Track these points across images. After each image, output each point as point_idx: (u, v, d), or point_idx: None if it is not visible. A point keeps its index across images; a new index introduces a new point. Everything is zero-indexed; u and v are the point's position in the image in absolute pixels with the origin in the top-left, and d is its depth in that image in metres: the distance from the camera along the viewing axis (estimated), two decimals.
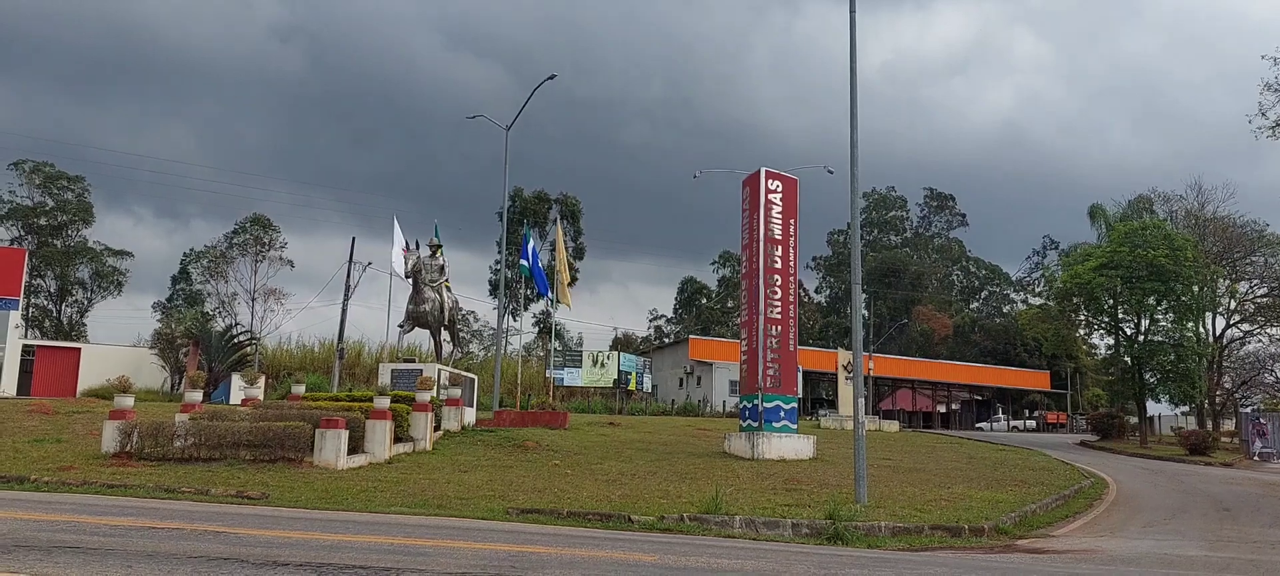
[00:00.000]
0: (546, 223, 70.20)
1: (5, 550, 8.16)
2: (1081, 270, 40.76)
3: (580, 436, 25.74)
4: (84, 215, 63.08)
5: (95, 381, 37.40)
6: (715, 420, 43.50)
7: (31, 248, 57.39)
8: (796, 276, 25.19)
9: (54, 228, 61.87)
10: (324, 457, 17.36)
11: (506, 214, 35.10)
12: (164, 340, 42.76)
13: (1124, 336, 41.76)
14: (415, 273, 25.72)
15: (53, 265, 61.65)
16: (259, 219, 61.57)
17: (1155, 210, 49.15)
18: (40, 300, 62.24)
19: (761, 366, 23.37)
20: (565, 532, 11.89)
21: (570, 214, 70.87)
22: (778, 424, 23.28)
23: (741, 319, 25.64)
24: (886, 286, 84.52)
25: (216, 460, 17.11)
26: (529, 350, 73.68)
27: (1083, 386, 75.91)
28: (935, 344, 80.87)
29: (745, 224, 25.00)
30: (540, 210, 70.42)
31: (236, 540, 9.50)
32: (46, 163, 62.42)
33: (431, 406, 21.49)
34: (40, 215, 61.44)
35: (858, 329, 17.39)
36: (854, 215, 17.88)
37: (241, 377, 26.76)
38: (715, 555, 10.28)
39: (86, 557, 7.92)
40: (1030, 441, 42.47)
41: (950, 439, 39.41)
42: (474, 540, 10.47)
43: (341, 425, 17.69)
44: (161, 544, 8.96)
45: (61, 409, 25.90)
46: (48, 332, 59.20)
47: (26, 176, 61.37)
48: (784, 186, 24.69)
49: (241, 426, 17.68)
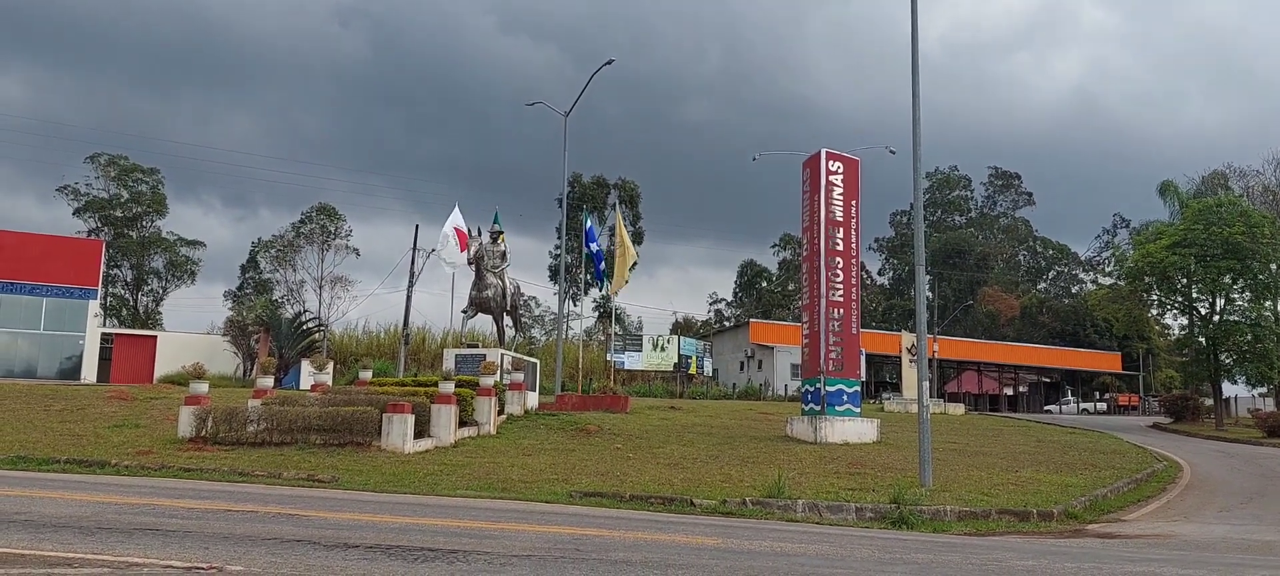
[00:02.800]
0: (605, 208, 70.40)
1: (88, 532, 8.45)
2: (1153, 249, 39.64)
3: (641, 420, 25.83)
4: (158, 206, 64.71)
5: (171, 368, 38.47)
6: (777, 404, 43.31)
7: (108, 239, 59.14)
8: (858, 258, 24.91)
9: (129, 219, 63.59)
10: (391, 442, 17.66)
11: (566, 200, 35.16)
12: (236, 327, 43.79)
13: (1198, 316, 40.58)
14: (478, 259, 25.95)
15: (129, 255, 63.48)
16: (325, 208, 62.63)
17: (1230, 186, 47.62)
18: (117, 290, 64.15)
19: (824, 349, 23.20)
20: (627, 516, 11.96)
21: (629, 199, 70.99)
22: (841, 407, 23.10)
23: (803, 302, 25.45)
24: (951, 267, 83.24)
25: (288, 444, 17.50)
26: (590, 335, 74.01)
27: (1155, 368, 74.04)
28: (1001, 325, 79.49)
29: (806, 205, 24.79)
30: (599, 196, 70.63)
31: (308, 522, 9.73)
32: (121, 156, 64.11)
33: (495, 391, 21.71)
34: (116, 207, 63.19)
35: (922, 311, 17.18)
36: (917, 195, 17.65)
37: (310, 363, 27.33)
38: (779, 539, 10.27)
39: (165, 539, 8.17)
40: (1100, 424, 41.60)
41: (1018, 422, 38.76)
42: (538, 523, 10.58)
43: (408, 410, 17.97)
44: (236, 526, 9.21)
45: (139, 395, 26.71)
46: (125, 321, 60.99)
47: (102, 169, 63.13)
48: (845, 167, 24.43)
49: (311, 411, 18.05)
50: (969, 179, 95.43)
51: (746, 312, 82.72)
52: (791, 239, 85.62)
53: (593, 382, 43.20)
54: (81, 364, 38.32)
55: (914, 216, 17.75)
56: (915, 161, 17.13)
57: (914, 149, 17.04)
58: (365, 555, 7.76)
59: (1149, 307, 46.03)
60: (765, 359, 62.09)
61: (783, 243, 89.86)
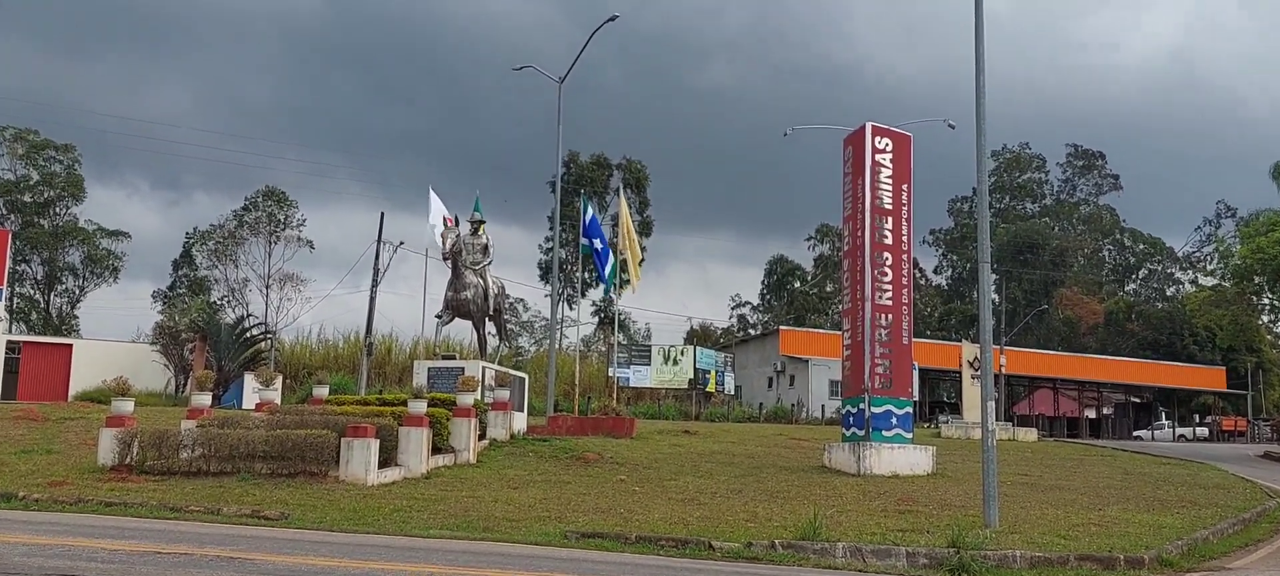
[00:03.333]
0: (606, 193, 70.43)
1: None
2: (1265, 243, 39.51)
3: (650, 446, 25.82)
4: (74, 190, 64.60)
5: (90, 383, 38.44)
6: (812, 428, 43.24)
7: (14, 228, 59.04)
8: (911, 253, 24.89)
9: (40, 205, 63.63)
10: (351, 471, 17.70)
11: (560, 183, 35.25)
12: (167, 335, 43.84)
13: None
14: (455, 254, 25.92)
15: (39, 248, 63.41)
16: (273, 192, 62.78)
17: None
18: (26, 289, 64.31)
19: (868, 363, 23.18)
20: (633, 561, 11.96)
21: (635, 182, 71.00)
22: (888, 432, 23.08)
23: (844, 306, 25.42)
24: (1022, 264, 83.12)
25: (228, 474, 17.55)
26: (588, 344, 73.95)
27: (1267, 386, 73.81)
28: (1082, 334, 79.34)
29: (848, 191, 24.77)
30: (599, 178, 70.65)
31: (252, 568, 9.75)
32: (30, 130, 63.66)
33: (475, 411, 21.74)
34: (24, 190, 63.07)
35: (986, 316, 17.14)
36: (981, 178, 17.61)
37: (255, 378, 27.36)
38: None
39: None
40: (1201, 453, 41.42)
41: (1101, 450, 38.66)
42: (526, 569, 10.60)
43: (371, 433, 18.01)
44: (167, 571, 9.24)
45: (51, 415, 26.79)
46: (35, 327, 61.15)
47: (8, 145, 62.79)
48: (894, 145, 24.40)
49: (256, 435, 18.09)
50: (1043, 159, 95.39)
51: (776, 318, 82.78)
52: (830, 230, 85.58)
53: (591, 401, 43.22)
54: None
55: (978, 203, 17.72)
56: (979, 138, 17.09)
57: (978, 123, 17.01)
58: None
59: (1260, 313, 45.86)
60: (798, 374, 62.03)
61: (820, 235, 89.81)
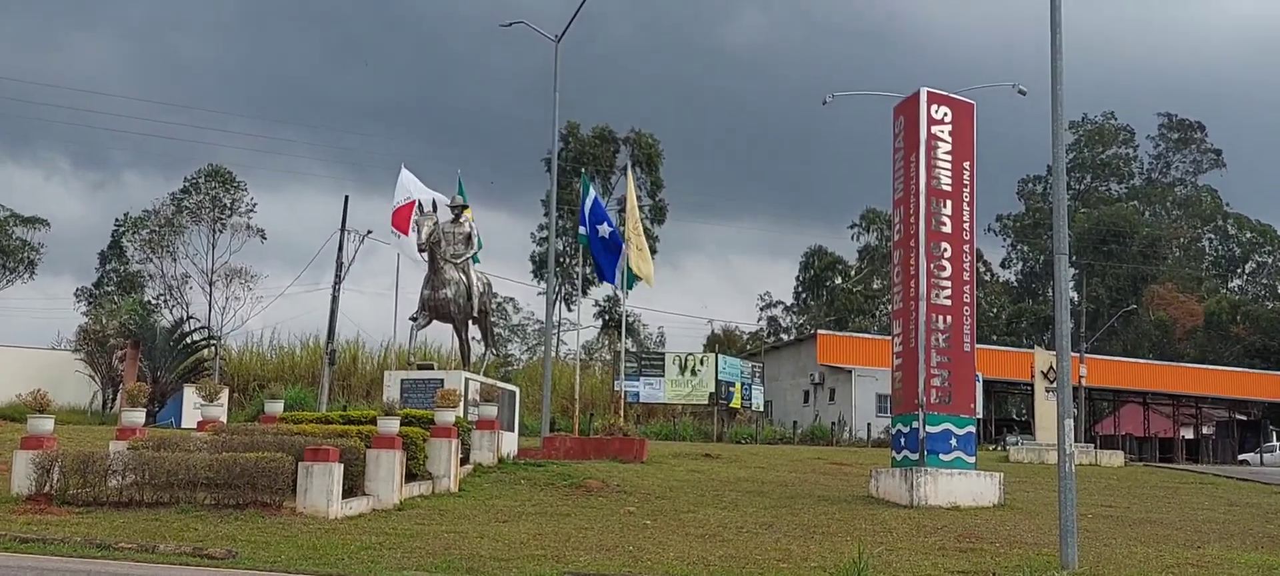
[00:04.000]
0: (612, 172, 70.41)
1: None
2: None
3: (664, 472, 25.80)
4: None
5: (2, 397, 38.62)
6: (856, 450, 43.19)
7: None
8: (974, 243, 24.84)
9: None
10: (310, 501, 17.70)
11: (557, 161, 35.26)
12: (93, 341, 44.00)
13: None
14: (432, 245, 25.85)
15: None
16: (217, 172, 62.87)
17: None
18: None
19: (923, 373, 23.13)
20: None
21: (645, 159, 70.84)
22: (947, 455, 23.03)
23: (894, 306, 25.38)
24: (1106, 256, 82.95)
25: (165, 504, 17.56)
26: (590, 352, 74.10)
27: None
28: (1177, 339, 79.18)
29: (899, 169, 24.72)
30: (604, 154, 70.65)
31: None
32: None
33: (457, 431, 21.74)
34: None
35: (1064, 318, 17.10)
36: (1057, 155, 17.55)
37: (197, 392, 27.38)
38: None
39: None
40: None
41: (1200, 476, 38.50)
42: None
43: (334, 457, 18.00)
44: None
45: None
46: None
47: None
48: (955, 114, 24.32)
49: (198, 459, 18.11)
50: (1131, 131, 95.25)
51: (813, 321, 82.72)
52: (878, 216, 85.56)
53: (594, 420, 43.23)
54: None
55: (1053, 184, 17.67)
56: (1055, 106, 17.04)
57: (1053, 88, 16.96)
58: None
59: None
60: (840, 386, 62.00)
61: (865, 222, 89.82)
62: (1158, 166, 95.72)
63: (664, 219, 72.41)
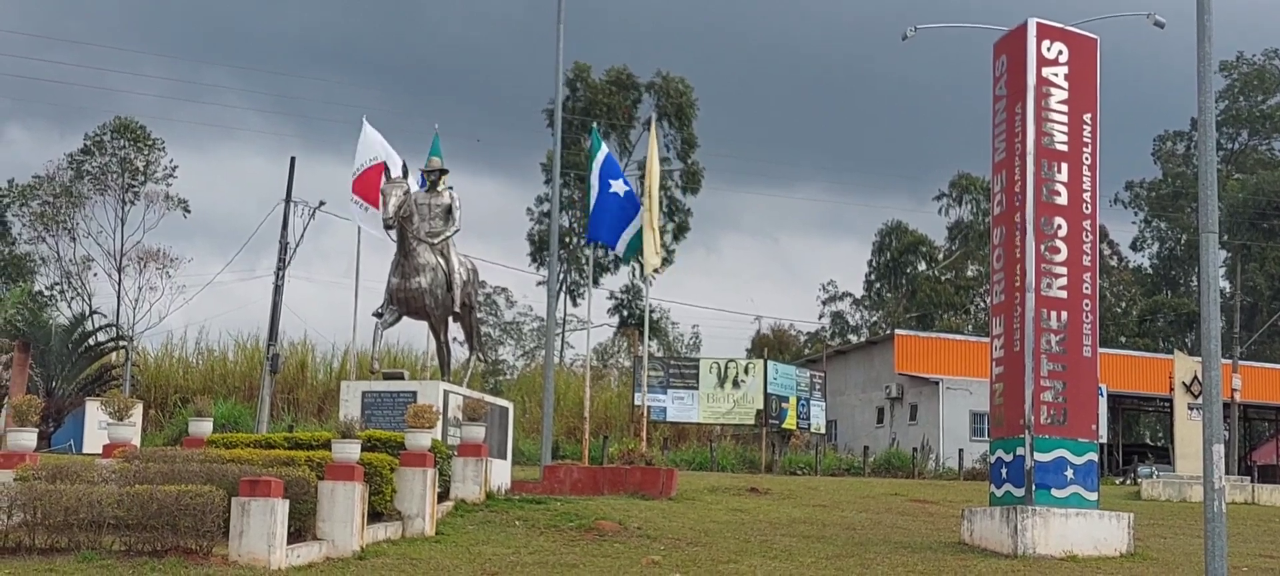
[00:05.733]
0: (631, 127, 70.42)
1: None
2: None
3: (697, 512, 25.79)
4: None
5: None
6: (945, 484, 43.17)
7: None
8: (1097, 219, 24.70)
9: None
10: (247, 547, 17.66)
11: (562, 113, 35.17)
12: None
13: None
14: (403, 220, 25.73)
15: None
16: (127, 126, 62.96)
17: None
18: None
19: (1031, 387, 23.04)
20: None
21: (675, 111, 70.87)
22: (1062, 491, 22.90)
23: (993, 300, 25.24)
24: (1267, 236, 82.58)
25: (64, 550, 17.57)
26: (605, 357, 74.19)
27: None
28: None
29: (1001, 124, 24.59)
30: (621, 105, 70.63)
31: None
32: None
33: (434, 458, 21.72)
34: None
35: (1213, 315, 17.03)
36: (1206, 105, 17.47)
37: (103, 407, 27.48)
38: None
39: None
40: None
41: None
42: None
43: (277, 491, 17.98)
44: None
45: None
46: None
47: None
48: (1072, 53, 24.17)
49: (105, 492, 18.11)
50: None
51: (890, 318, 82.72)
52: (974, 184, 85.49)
53: (610, 443, 43.27)
54: None
55: (1200, 144, 17.57)
56: (1201, 42, 16.97)
57: (1200, 19, 16.87)
58: None
59: None
60: (924, 402, 61.95)
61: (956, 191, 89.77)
62: None
63: (698, 187, 72.43)
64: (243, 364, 50.50)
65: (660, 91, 71.13)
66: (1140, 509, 29.13)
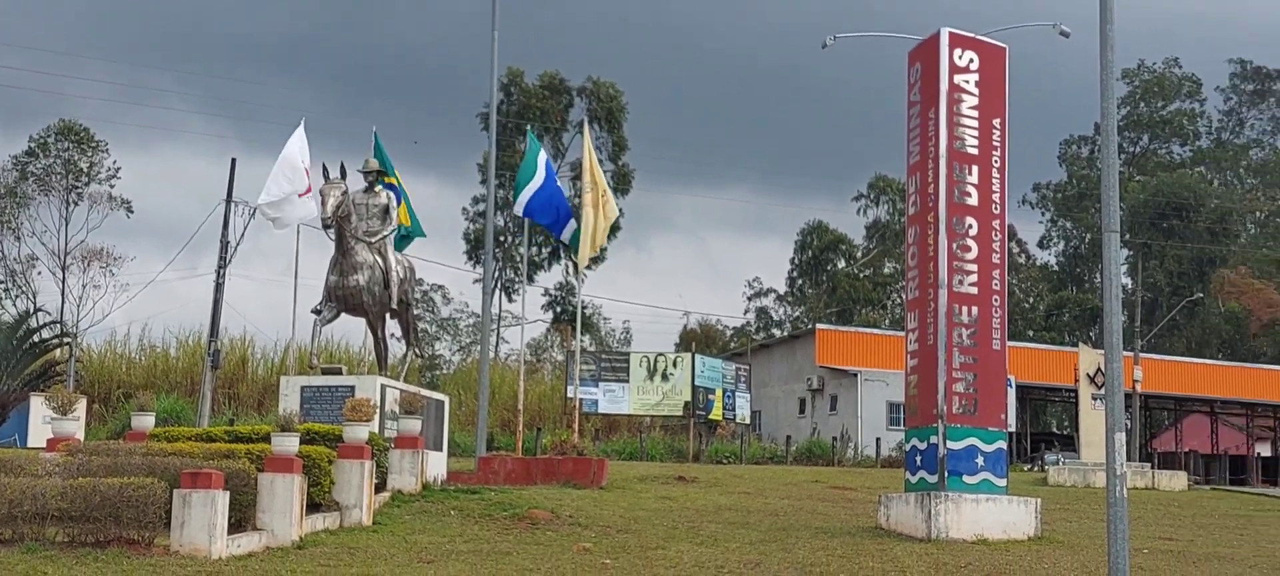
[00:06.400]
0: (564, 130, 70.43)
1: None
2: None
3: (628, 500, 25.81)
4: None
5: None
6: (863, 471, 43.40)
7: None
8: (1005, 219, 24.89)
9: None
10: (188, 538, 17.56)
11: (497, 116, 35.10)
12: None
13: None
14: (340, 220, 25.61)
15: None
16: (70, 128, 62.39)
17: None
18: None
19: (944, 378, 23.19)
20: None
21: (605, 114, 70.95)
22: (973, 478, 23.07)
23: (908, 295, 25.42)
24: (1166, 234, 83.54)
25: (8, 542, 17.40)
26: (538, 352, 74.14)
27: None
28: (1252, 335, 79.92)
29: (915, 128, 24.73)
30: (553, 109, 70.64)
31: None
32: None
33: (371, 450, 21.63)
34: None
35: (1115, 310, 17.18)
36: (1108, 111, 17.63)
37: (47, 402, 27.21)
38: None
39: None
40: None
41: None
42: None
43: (217, 483, 17.88)
44: None
45: None
46: None
47: None
48: (983, 61, 24.32)
49: (48, 485, 17.95)
50: (1198, 82, 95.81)
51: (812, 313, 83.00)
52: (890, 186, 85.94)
53: (543, 435, 43.26)
54: None
55: (1103, 147, 17.72)
56: (1104, 51, 17.11)
57: (1102, 28, 17.02)
58: None
59: None
60: (843, 393, 62.27)
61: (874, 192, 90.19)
62: (1229, 125, 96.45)
63: (629, 188, 72.40)
64: (184, 360, 50.14)
65: (591, 95, 71.21)
66: (1047, 494, 29.35)
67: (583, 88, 71.73)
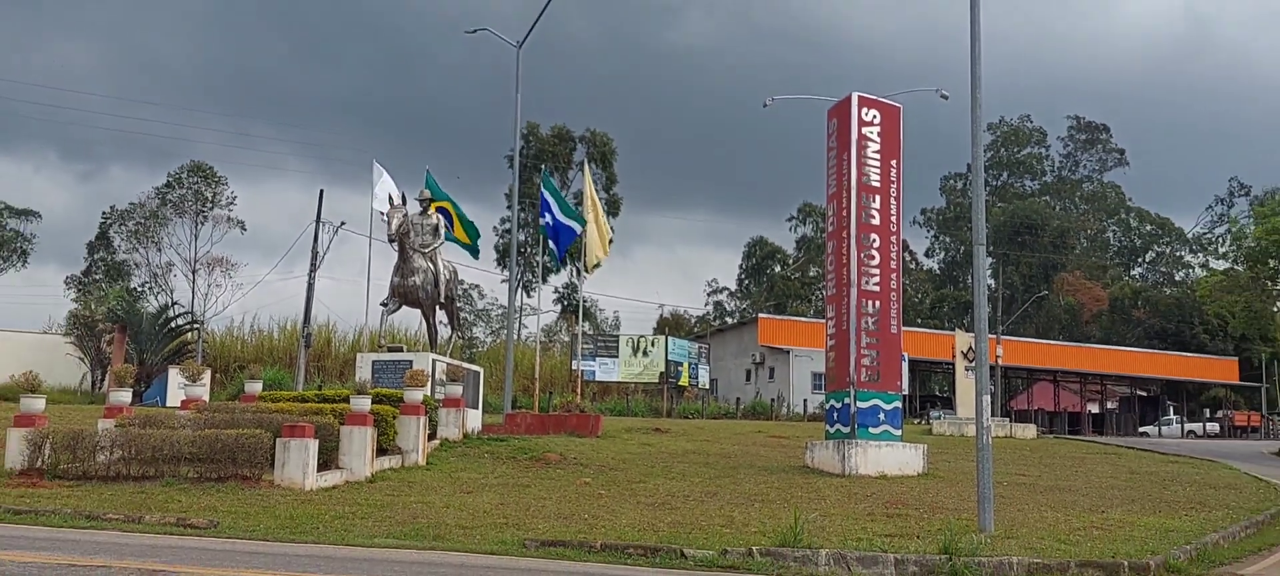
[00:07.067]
0: (569, 168, 70.36)
1: None
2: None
3: (617, 446, 25.81)
4: None
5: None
6: (794, 424, 43.39)
7: None
8: (900, 235, 24.95)
9: None
10: (287, 475, 17.58)
11: (519, 158, 35.10)
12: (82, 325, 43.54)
13: None
14: (402, 236, 25.72)
15: None
16: (199, 167, 62.34)
17: None
18: None
19: (854, 354, 23.25)
20: (597, 571, 11.96)
21: (600, 156, 71.05)
22: (876, 429, 23.18)
23: (827, 292, 25.47)
24: (1020, 247, 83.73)
25: (151, 478, 17.39)
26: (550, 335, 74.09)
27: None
28: (1084, 322, 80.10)
29: (832, 166, 24.80)
30: (561, 152, 70.72)
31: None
32: None
33: (424, 408, 21.65)
34: None
35: (982, 303, 17.22)
36: (976, 154, 17.65)
37: (181, 372, 27.08)
38: None
39: None
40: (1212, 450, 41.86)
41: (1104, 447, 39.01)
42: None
43: (309, 433, 17.89)
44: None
45: None
46: None
47: None
48: (883, 117, 24.43)
49: (182, 435, 17.94)
50: (1043, 132, 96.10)
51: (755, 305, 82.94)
52: (814, 210, 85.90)
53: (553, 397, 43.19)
54: None
55: (973, 181, 17.78)
56: (974, 109, 17.12)
57: (973, 92, 17.04)
58: None
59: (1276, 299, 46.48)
60: (779, 366, 62.23)
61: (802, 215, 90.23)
62: (1067, 164, 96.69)
63: (618, 212, 72.58)
64: (284, 341, 49.89)
65: (590, 142, 71.42)
66: (932, 442, 29.40)
67: (583, 136, 71.99)
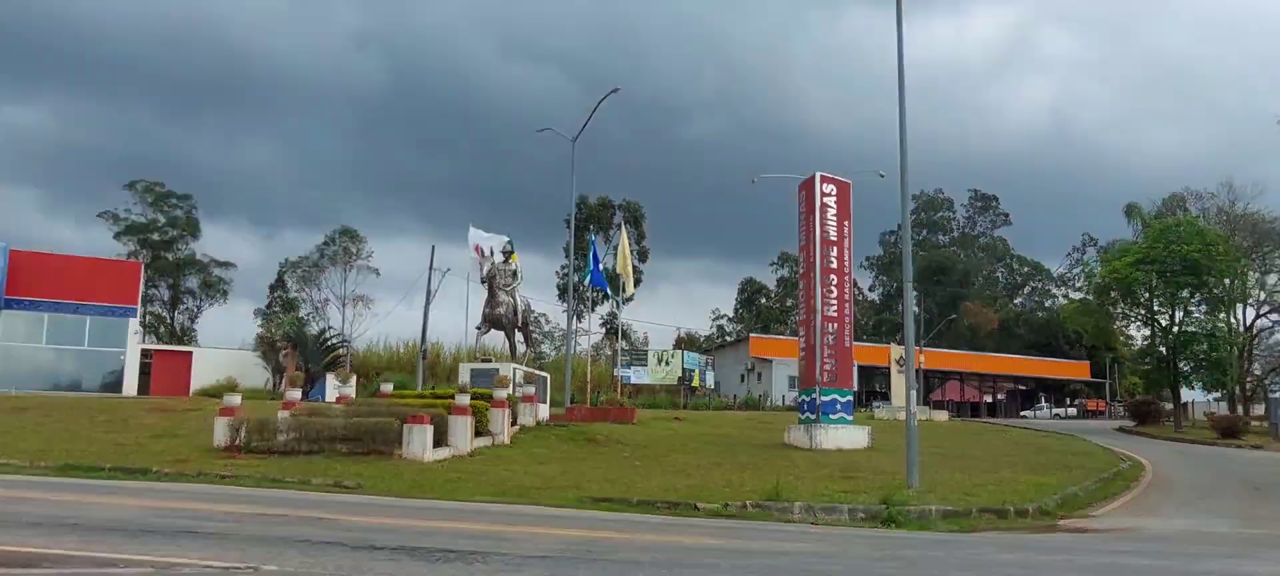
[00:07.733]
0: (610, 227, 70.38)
1: (133, 535, 8.49)
2: (1119, 265, 40.00)
3: (647, 430, 25.78)
4: (191, 229, 64.99)
5: (206, 381, 38.46)
6: (775, 414, 43.25)
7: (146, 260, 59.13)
8: (851, 275, 24.90)
9: (165, 242, 63.74)
10: (411, 450, 17.65)
11: (574, 221, 35.29)
12: (265, 343, 43.80)
13: (1159, 327, 40.95)
14: (490, 278, 25.83)
15: (165, 276, 63.50)
16: (347, 230, 62.65)
17: (1188, 208, 48.21)
18: (155, 308, 64.14)
19: (819, 362, 23.19)
20: (635, 519, 11.97)
21: (633, 218, 70.87)
22: (834, 416, 23.07)
23: (800, 317, 25.43)
24: (936, 284, 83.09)
25: (315, 453, 17.50)
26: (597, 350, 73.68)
27: (1120, 375, 73.93)
28: (982, 337, 79.35)
29: (802, 226, 24.81)
30: (604, 216, 70.61)
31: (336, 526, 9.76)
32: (157, 183, 64.33)
33: (508, 403, 21.66)
34: (153, 231, 63.38)
35: (909, 324, 17.22)
36: (904, 217, 17.69)
37: (335, 377, 27.33)
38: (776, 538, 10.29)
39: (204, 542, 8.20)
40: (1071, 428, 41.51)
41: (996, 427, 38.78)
42: (551, 526, 10.61)
43: (427, 421, 17.97)
44: (269, 529, 9.24)
45: (177, 406, 26.71)
46: (163, 338, 60.95)
47: (140, 195, 63.40)
48: (838, 190, 24.44)
49: (336, 422, 18.06)
50: (952, 201, 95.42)
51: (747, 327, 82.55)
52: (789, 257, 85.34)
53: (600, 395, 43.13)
54: (123, 378, 38.34)
55: (902, 236, 17.81)
56: (903, 185, 17.17)
57: (901, 173, 17.09)
58: (390, 556, 7.79)
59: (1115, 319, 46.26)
60: (764, 371, 61.99)
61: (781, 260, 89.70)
62: (968, 224, 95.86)
63: (647, 259, 72.23)
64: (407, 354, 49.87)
65: (625, 208, 71.13)
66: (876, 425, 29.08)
67: (620, 204, 71.65)
